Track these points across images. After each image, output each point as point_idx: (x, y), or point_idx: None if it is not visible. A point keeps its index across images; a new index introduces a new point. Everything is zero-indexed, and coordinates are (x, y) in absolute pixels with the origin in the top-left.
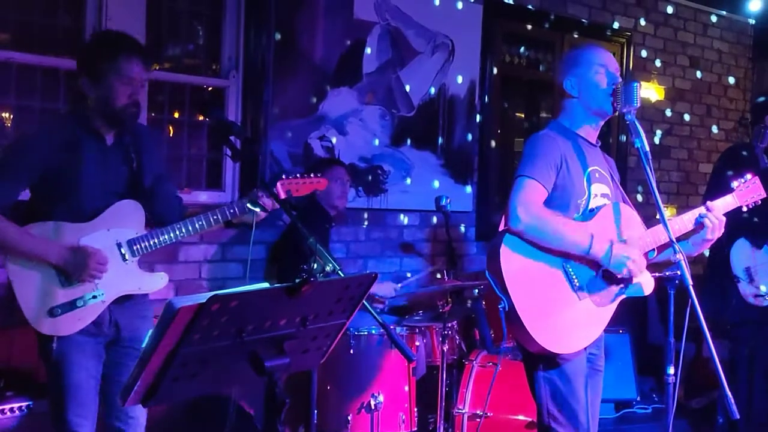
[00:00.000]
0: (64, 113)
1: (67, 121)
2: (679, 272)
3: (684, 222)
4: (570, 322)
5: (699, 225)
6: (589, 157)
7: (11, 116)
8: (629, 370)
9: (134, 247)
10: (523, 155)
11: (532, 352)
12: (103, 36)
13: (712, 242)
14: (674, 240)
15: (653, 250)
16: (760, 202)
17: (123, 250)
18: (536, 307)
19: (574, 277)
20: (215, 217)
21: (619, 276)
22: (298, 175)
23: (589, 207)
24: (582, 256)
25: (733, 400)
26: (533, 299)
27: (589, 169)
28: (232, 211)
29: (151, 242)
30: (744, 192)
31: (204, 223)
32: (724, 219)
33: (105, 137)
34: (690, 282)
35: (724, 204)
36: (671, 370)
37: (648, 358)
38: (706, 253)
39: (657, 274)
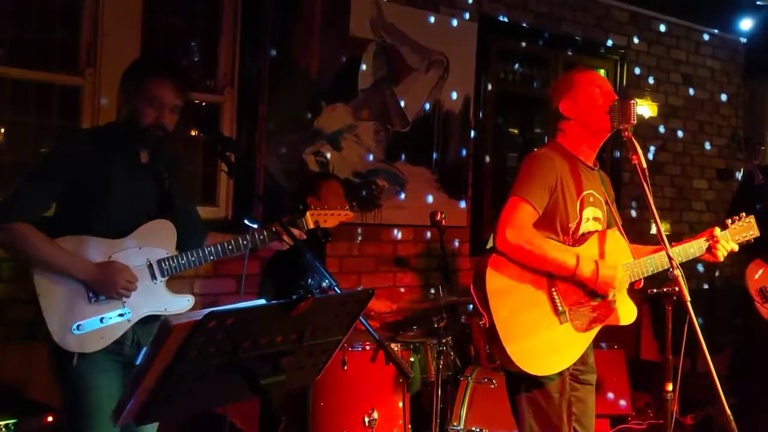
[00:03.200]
0: (99, 127)
1: (100, 135)
2: (676, 288)
3: (690, 251)
4: (548, 344)
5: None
6: (586, 180)
7: (5, 131)
8: (624, 385)
9: (164, 267)
10: (519, 173)
11: (512, 371)
12: (144, 57)
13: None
14: (671, 255)
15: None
16: (752, 240)
17: (153, 270)
18: (515, 327)
19: (558, 300)
20: (245, 242)
21: (603, 295)
22: (327, 207)
23: (580, 231)
24: (568, 278)
25: (731, 417)
26: (513, 319)
27: (584, 193)
28: (261, 237)
29: (181, 262)
30: (737, 230)
31: (234, 246)
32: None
33: (139, 154)
34: (688, 298)
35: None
36: (669, 387)
37: (641, 374)
38: (700, 268)
39: (654, 290)
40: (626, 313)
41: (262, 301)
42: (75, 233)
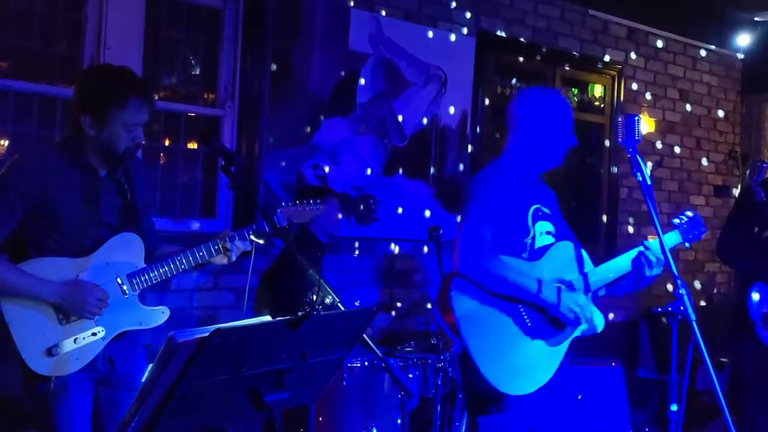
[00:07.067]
0: (53, 143)
1: (55, 151)
2: (682, 307)
3: (620, 266)
4: (523, 362)
5: (637, 264)
6: (531, 195)
7: (8, 144)
8: (622, 403)
9: (134, 281)
10: (468, 198)
11: (479, 393)
12: (111, 76)
13: (651, 281)
14: (677, 274)
15: (602, 288)
16: (702, 237)
17: (123, 285)
18: (488, 348)
19: (526, 318)
20: (216, 246)
21: (566, 321)
22: (298, 203)
23: (536, 246)
24: (530, 303)
25: None
26: (485, 341)
27: (532, 208)
28: (231, 236)
29: (151, 275)
30: (686, 228)
31: (204, 252)
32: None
33: (97, 169)
34: (693, 317)
35: (668, 240)
36: (674, 407)
37: (638, 392)
38: (697, 285)
39: (659, 309)
40: (596, 322)
41: (268, 318)
42: (39, 255)
